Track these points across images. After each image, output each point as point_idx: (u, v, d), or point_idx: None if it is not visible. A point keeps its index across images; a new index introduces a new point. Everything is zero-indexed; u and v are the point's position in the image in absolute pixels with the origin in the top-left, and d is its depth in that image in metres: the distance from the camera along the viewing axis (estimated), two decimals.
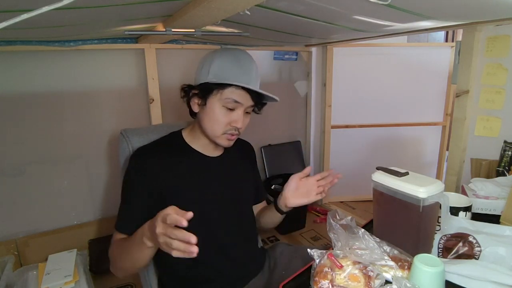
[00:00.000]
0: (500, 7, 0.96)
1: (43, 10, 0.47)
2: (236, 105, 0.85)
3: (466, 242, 0.75)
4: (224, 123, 0.86)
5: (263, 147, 2.19)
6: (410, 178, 0.74)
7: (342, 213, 0.75)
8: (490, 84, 1.27)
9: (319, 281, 0.65)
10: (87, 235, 1.67)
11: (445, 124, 2.35)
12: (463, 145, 1.37)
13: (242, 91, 0.84)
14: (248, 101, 0.86)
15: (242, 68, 0.86)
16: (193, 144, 0.93)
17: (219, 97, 0.84)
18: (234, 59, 0.86)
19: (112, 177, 1.72)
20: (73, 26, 1.07)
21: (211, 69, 0.85)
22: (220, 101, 0.84)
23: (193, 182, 0.89)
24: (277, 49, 2.11)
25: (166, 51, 1.74)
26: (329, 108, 2.22)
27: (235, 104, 0.85)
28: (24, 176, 1.52)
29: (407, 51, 2.29)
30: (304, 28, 1.32)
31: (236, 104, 0.85)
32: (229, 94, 0.83)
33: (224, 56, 0.87)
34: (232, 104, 0.84)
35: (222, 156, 0.98)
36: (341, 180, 0.93)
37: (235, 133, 0.88)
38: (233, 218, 0.96)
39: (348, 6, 0.92)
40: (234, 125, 0.86)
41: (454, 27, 1.34)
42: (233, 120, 0.86)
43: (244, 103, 0.86)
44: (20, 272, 1.37)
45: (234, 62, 0.86)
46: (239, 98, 0.84)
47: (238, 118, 0.86)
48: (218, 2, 0.70)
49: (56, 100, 1.54)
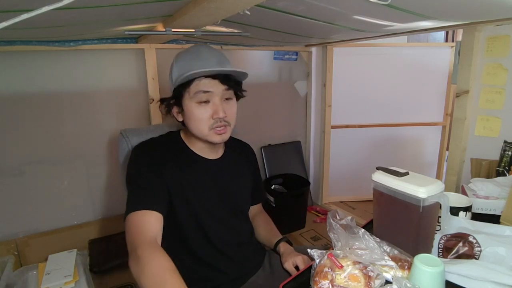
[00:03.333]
0: (500, 7, 0.96)
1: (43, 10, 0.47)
2: (208, 95, 0.84)
3: (466, 242, 0.75)
4: (205, 118, 0.84)
5: (263, 147, 2.19)
6: (410, 178, 0.74)
7: (342, 213, 0.75)
8: (490, 84, 1.27)
9: (319, 281, 0.65)
10: (87, 235, 1.67)
11: (445, 124, 2.35)
12: (463, 145, 1.37)
13: (207, 80, 0.83)
14: (219, 87, 0.84)
15: (199, 58, 0.85)
16: (191, 146, 0.93)
17: (189, 95, 0.84)
18: (190, 56, 0.86)
19: (112, 177, 1.72)
20: (73, 26, 1.07)
21: (173, 74, 0.86)
22: (192, 99, 0.84)
23: (193, 184, 0.89)
24: (277, 49, 2.11)
25: (166, 51, 1.74)
26: (329, 108, 2.22)
27: (206, 94, 0.83)
28: (24, 176, 1.52)
29: (407, 51, 2.29)
30: (304, 28, 1.32)
31: (207, 95, 0.83)
32: (195, 88, 0.83)
33: (180, 58, 0.87)
34: (203, 96, 0.83)
35: (221, 159, 0.98)
36: (341, 180, 0.93)
37: (222, 124, 0.86)
38: (232, 218, 0.96)
39: (348, 6, 0.92)
40: (216, 116, 0.84)
41: (454, 27, 1.34)
42: (213, 112, 0.84)
43: (215, 90, 0.84)
44: (20, 272, 1.37)
45: (189, 57, 0.86)
46: (206, 87, 0.83)
47: (216, 108, 0.84)
48: (218, 2, 0.71)
49: (56, 100, 1.54)
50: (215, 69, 0.82)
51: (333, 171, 2.34)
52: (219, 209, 0.92)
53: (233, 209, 0.96)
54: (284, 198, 2.00)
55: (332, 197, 2.43)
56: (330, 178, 2.35)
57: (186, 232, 0.88)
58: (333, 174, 2.35)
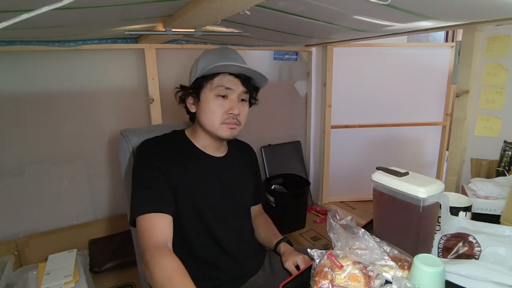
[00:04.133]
0: (500, 7, 0.96)
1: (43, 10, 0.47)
2: (228, 92, 0.87)
3: (466, 242, 0.75)
4: (220, 112, 0.87)
5: (263, 147, 2.19)
6: (410, 178, 0.74)
7: (342, 213, 0.75)
8: (490, 84, 1.27)
9: (319, 281, 0.65)
10: (87, 235, 1.67)
11: (445, 124, 2.35)
12: (463, 145, 1.37)
13: (231, 77, 0.87)
14: (239, 87, 0.88)
15: (227, 57, 0.89)
16: (196, 143, 0.94)
17: (210, 87, 0.87)
18: (218, 52, 0.90)
19: (112, 177, 1.72)
20: (73, 26, 1.07)
21: (199, 66, 0.89)
22: (212, 91, 0.87)
23: (196, 179, 0.89)
24: (277, 49, 2.11)
25: (166, 51, 1.74)
26: (329, 108, 2.22)
27: (227, 90, 0.87)
28: (24, 176, 1.52)
29: (407, 51, 2.29)
30: (304, 28, 1.32)
31: (228, 91, 0.87)
32: (219, 82, 0.86)
33: (208, 53, 0.91)
34: (224, 91, 0.86)
35: (225, 157, 0.98)
36: (341, 180, 0.94)
37: (234, 121, 0.88)
38: (234, 218, 0.96)
39: (348, 6, 0.92)
40: (230, 112, 0.87)
41: (454, 27, 1.34)
42: (229, 107, 0.87)
43: (235, 89, 0.88)
44: (20, 272, 1.37)
45: (218, 54, 0.90)
46: (229, 84, 0.86)
47: (233, 104, 0.87)
48: (218, 2, 0.71)
49: (56, 100, 1.54)
50: (244, 66, 0.85)
51: (333, 171, 2.34)
52: (222, 207, 0.93)
53: (236, 208, 0.97)
54: (284, 198, 2.00)
55: (332, 197, 2.43)
56: (330, 178, 2.35)
57: (190, 230, 0.88)
58: (333, 174, 2.35)
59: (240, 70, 0.87)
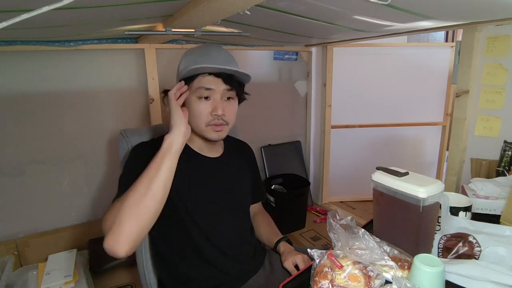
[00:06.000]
0: (500, 7, 0.96)
1: (43, 10, 0.47)
2: (210, 92, 0.85)
3: (466, 242, 0.75)
4: (204, 114, 0.85)
5: (263, 147, 2.19)
6: (410, 178, 0.74)
7: (342, 213, 0.75)
8: (490, 84, 1.27)
9: (319, 281, 0.65)
10: (87, 235, 1.67)
11: (445, 124, 2.35)
12: (463, 145, 1.37)
13: (211, 77, 0.85)
14: (220, 85, 0.85)
15: (208, 55, 0.86)
16: (192, 146, 0.94)
17: (191, 90, 0.86)
18: (199, 52, 0.89)
19: (112, 177, 1.72)
20: (73, 26, 1.07)
21: (180, 68, 0.89)
22: (193, 94, 0.85)
23: (194, 181, 0.89)
24: (277, 49, 2.11)
25: (166, 51, 1.74)
26: (329, 108, 2.22)
27: (208, 91, 0.85)
28: (24, 176, 1.52)
29: (407, 51, 2.29)
30: (304, 28, 1.32)
31: (209, 91, 0.85)
32: (198, 83, 0.84)
33: (189, 53, 0.90)
34: (205, 92, 0.85)
35: (221, 157, 0.98)
36: (341, 180, 0.94)
37: (219, 122, 0.87)
38: (233, 217, 0.96)
39: (348, 6, 0.92)
40: (214, 113, 0.85)
41: (454, 27, 1.34)
42: (213, 109, 0.85)
43: (216, 88, 0.85)
44: (20, 272, 1.38)
45: (199, 54, 0.88)
46: (209, 84, 0.84)
47: (216, 105, 0.85)
48: (218, 2, 0.71)
49: (56, 100, 1.54)
50: (217, 67, 0.83)
51: (333, 171, 2.34)
52: (220, 207, 0.92)
53: (234, 208, 0.97)
54: (284, 198, 2.00)
55: (332, 197, 2.43)
56: (330, 178, 2.35)
57: (188, 231, 0.88)
58: (333, 174, 2.35)
59: (218, 70, 0.84)
